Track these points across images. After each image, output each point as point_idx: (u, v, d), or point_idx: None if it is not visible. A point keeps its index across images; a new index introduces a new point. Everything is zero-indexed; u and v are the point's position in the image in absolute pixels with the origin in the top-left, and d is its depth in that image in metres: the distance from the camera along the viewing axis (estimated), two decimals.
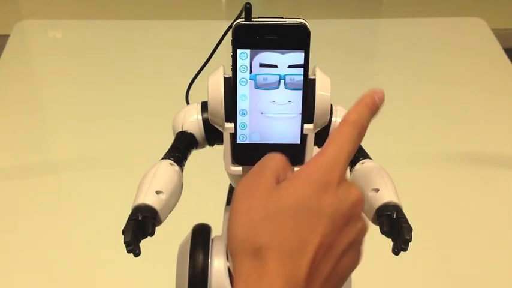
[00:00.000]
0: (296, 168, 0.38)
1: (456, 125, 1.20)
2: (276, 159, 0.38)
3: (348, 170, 0.50)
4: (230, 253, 0.35)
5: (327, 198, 0.34)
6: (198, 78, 0.53)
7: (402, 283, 0.87)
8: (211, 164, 0.63)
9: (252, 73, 0.43)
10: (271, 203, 0.34)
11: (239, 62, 0.42)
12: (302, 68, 0.43)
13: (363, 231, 0.37)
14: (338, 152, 0.36)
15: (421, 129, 1.19)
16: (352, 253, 0.36)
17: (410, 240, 0.41)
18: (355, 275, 0.57)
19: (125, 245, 0.42)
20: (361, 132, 0.38)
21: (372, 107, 0.39)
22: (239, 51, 0.42)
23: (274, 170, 0.37)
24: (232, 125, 0.45)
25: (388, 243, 0.43)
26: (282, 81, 0.43)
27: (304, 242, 0.33)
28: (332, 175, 0.35)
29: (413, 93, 1.30)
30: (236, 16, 0.43)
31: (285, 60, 0.42)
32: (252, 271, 0.33)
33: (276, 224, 0.34)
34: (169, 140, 0.51)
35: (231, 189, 0.57)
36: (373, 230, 0.45)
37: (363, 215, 0.38)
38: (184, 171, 0.49)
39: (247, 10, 0.41)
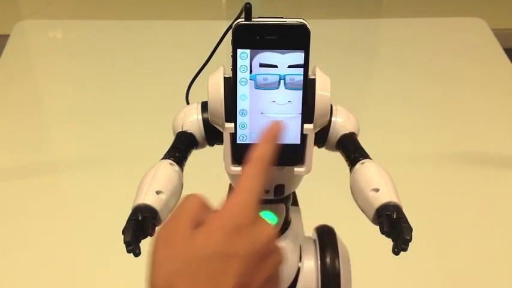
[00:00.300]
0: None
1: (456, 125, 1.20)
2: (193, 201, 0.39)
3: (349, 170, 0.50)
4: None
5: (240, 241, 0.36)
6: (198, 78, 0.53)
7: (402, 283, 0.87)
8: (211, 164, 0.63)
9: (252, 73, 0.43)
10: (187, 252, 0.35)
11: (239, 62, 0.42)
12: (302, 68, 0.43)
13: (279, 263, 0.39)
14: (246, 194, 0.38)
15: (421, 129, 1.19)
16: (269, 286, 0.38)
17: (410, 240, 0.41)
18: (355, 275, 0.58)
19: (125, 245, 0.42)
20: (265, 167, 0.39)
21: (273, 140, 0.41)
22: (239, 51, 0.42)
23: (190, 215, 0.37)
24: (232, 125, 0.45)
25: (388, 243, 0.43)
26: (282, 81, 0.43)
27: (219, 286, 0.34)
28: (243, 217, 0.36)
29: (413, 93, 1.30)
30: (236, 16, 0.43)
31: (285, 60, 0.42)
32: None
33: (192, 271, 0.35)
34: (169, 140, 0.51)
35: (231, 189, 0.57)
36: (373, 230, 0.45)
37: (278, 247, 0.39)
38: (184, 171, 0.49)
39: (247, 10, 0.41)
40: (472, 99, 1.28)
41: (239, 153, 0.46)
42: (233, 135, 0.45)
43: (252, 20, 0.42)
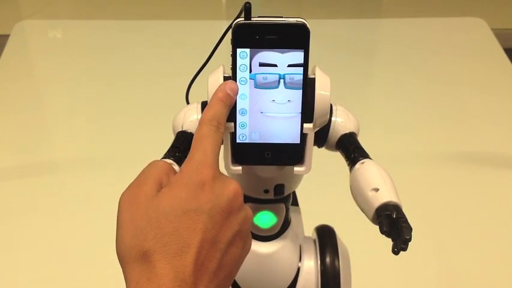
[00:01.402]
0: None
1: (456, 125, 1.20)
2: (158, 166, 0.40)
3: (349, 170, 0.50)
4: (120, 264, 0.37)
5: (203, 196, 0.37)
6: (198, 78, 0.53)
7: (402, 283, 0.87)
8: None
9: (252, 72, 0.43)
10: (152, 210, 0.36)
11: (239, 61, 0.42)
12: (302, 68, 0.43)
13: (247, 220, 0.40)
14: (204, 152, 0.39)
15: (420, 129, 1.19)
16: (238, 243, 0.38)
17: (410, 240, 0.41)
18: (355, 275, 0.58)
19: None
20: (219, 127, 0.40)
21: (226, 99, 0.42)
22: (239, 50, 0.42)
23: (155, 177, 0.39)
24: (232, 124, 0.45)
25: (388, 243, 0.43)
26: (281, 81, 0.43)
27: (186, 241, 0.35)
28: (204, 174, 0.37)
29: (413, 93, 1.31)
30: (236, 16, 0.43)
31: (285, 60, 0.42)
32: (141, 275, 0.35)
33: (159, 228, 0.35)
34: (169, 139, 0.51)
35: None
36: (373, 230, 0.45)
37: (245, 205, 0.40)
38: None
39: (247, 10, 0.41)
40: (472, 99, 1.28)
41: (239, 152, 0.46)
42: (233, 135, 0.45)
43: (252, 19, 0.42)
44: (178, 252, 0.35)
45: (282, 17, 0.42)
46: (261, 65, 0.43)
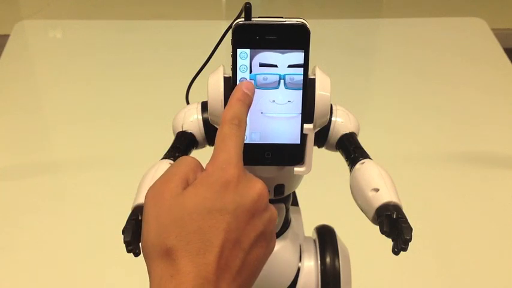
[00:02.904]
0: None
1: (456, 125, 1.20)
2: (186, 162, 0.40)
3: (349, 170, 0.50)
4: (145, 259, 0.37)
5: (228, 196, 0.37)
6: (198, 78, 0.53)
7: (402, 283, 0.87)
8: None
9: (252, 73, 0.43)
10: (176, 208, 0.36)
11: (239, 61, 0.42)
12: (302, 68, 0.43)
13: (272, 221, 0.39)
14: (228, 152, 0.38)
15: (421, 129, 1.19)
16: (262, 243, 0.38)
17: (410, 240, 0.41)
18: (355, 275, 0.58)
19: (124, 245, 0.42)
20: (241, 125, 0.40)
21: (243, 98, 0.41)
22: (239, 51, 0.42)
23: (182, 174, 0.38)
24: None
25: (388, 243, 0.43)
26: (281, 81, 0.43)
27: (209, 240, 0.35)
28: (228, 173, 0.37)
29: (413, 93, 1.31)
30: (236, 16, 0.43)
31: (285, 60, 0.42)
32: (164, 271, 0.35)
33: (182, 227, 0.36)
34: (169, 140, 0.51)
35: None
36: (373, 230, 0.45)
37: (270, 205, 0.40)
38: None
39: (247, 10, 0.41)
40: (472, 99, 1.28)
41: None
42: None
43: (252, 19, 0.42)
44: (201, 251, 0.35)
45: (282, 18, 0.42)
46: (261, 65, 0.43)
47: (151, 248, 0.36)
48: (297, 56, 0.42)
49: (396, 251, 0.42)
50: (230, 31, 0.43)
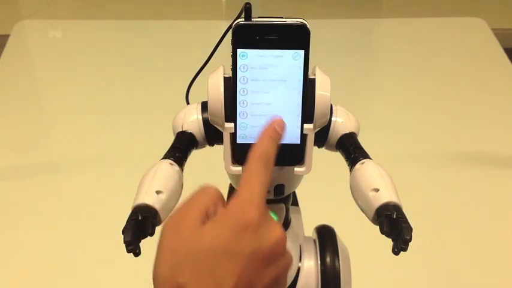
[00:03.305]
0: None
1: (456, 125, 1.20)
2: (207, 194, 0.39)
3: (349, 170, 0.50)
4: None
5: (246, 238, 0.35)
6: (198, 78, 0.53)
7: (402, 283, 0.87)
8: (211, 164, 0.63)
9: (252, 73, 0.43)
10: (192, 244, 0.36)
11: (239, 61, 0.42)
12: (302, 68, 0.43)
13: (287, 267, 0.38)
14: (252, 191, 0.37)
15: (421, 129, 1.19)
16: (273, 287, 0.37)
17: (410, 240, 0.41)
18: (355, 275, 0.58)
19: (124, 245, 0.42)
20: (269, 165, 0.39)
21: (274, 135, 0.41)
22: (239, 51, 0.42)
23: (202, 206, 0.38)
24: (232, 125, 0.45)
25: (388, 243, 0.43)
26: (282, 81, 0.43)
27: (222, 281, 0.35)
28: (250, 215, 0.36)
29: (413, 93, 1.31)
30: (236, 16, 0.43)
31: (285, 60, 0.42)
32: None
33: (196, 265, 0.35)
34: (169, 140, 0.51)
35: (231, 189, 0.57)
36: (373, 230, 0.45)
37: (288, 249, 0.38)
38: (184, 171, 0.49)
39: (247, 10, 0.41)
40: (472, 99, 1.28)
41: (239, 153, 0.46)
42: (233, 135, 0.45)
43: (252, 20, 0.42)
44: None
45: (282, 18, 0.42)
46: (261, 65, 0.43)
47: (163, 280, 0.35)
48: (297, 56, 0.42)
49: (396, 251, 0.42)
50: (230, 31, 0.43)
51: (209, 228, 0.36)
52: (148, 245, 0.43)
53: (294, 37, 0.42)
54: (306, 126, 0.45)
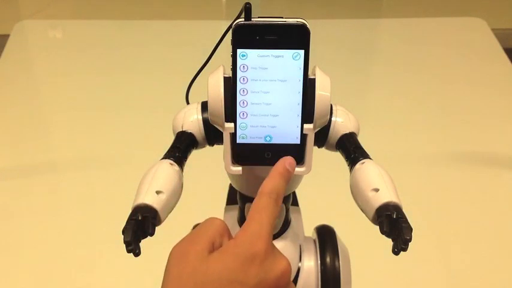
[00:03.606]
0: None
1: (456, 125, 1.20)
2: (214, 225, 0.40)
3: (349, 170, 0.50)
4: None
5: (252, 270, 0.36)
6: (198, 78, 0.53)
7: (402, 283, 0.87)
8: (211, 164, 0.64)
9: (252, 73, 0.43)
10: (199, 274, 0.36)
11: (239, 61, 0.42)
12: (302, 68, 0.43)
13: None
14: (260, 225, 0.38)
15: (421, 129, 1.19)
16: None
17: (410, 240, 0.41)
18: (355, 275, 0.58)
19: (124, 245, 0.42)
20: (278, 200, 0.41)
21: (285, 174, 0.42)
22: (239, 51, 0.42)
23: (209, 237, 0.39)
24: (232, 125, 0.45)
25: (388, 243, 0.43)
26: (281, 81, 0.43)
27: None
28: (257, 247, 0.37)
29: (413, 93, 1.31)
30: (236, 16, 0.43)
31: (285, 60, 0.42)
32: None
33: None
34: (169, 139, 0.51)
35: (231, 189, 0.57)
36: (373, 230, 0.45)
37: (292, 284, 0.39)
38: (184, 171, 0.49)
39: (247, 10, 0.41)
40: (472, 99, 1.28)
41: (239, 153, 0.46)
42: (233, 135, 0.45)
43: (252, 20, 0.42)
44: None
45: (282, 18, 0.42)
46: (261, 65, 0.43)
47: None
48: (297, 56, 0.42)
49: (396, 251, 0.42)
50: (230, 31, 0.43)
51: (217, 258, 0.37)
52: (149, 245, 0.43)
53: (294, 37, 0.42)
54: (306, 126, 0.45)
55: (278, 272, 0.37)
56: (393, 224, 0.43)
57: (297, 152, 0.46)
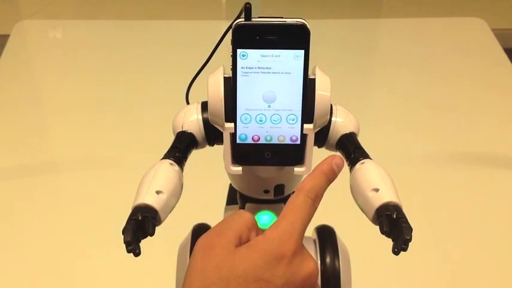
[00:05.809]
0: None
1: (456, 125, 1.20)
2: (242, 218, 0.39)
3: (349, 170, 0.50)
4: None
5: (279, 270, 0.35)
6: (198, 78, 0.53)
7: (402, 283, 0.87)
8: (211, 164, 0.63)
9: (252, 73, 0.43)
10: (225, 268, 0.35)
11: (239, 61, 0.42)
12: (302, 68, 0.43)
13: None
14: (293, 224, 0.37)
15: (421, 129, 1.19)
16: None
17: (410, 240, 0.41)
18: (355, 275, 0.58)
19: (125, 245, 0.42)
20: (316, 201, 0.39)
21: (329, 174, 0.40)
22: (239, 51, 0.42)
23: (237, 230, 0.38)
24: (232, 125, 0.45)
25: (388, 243, 0.43)
26: (282, 81, 0.43)
27: None
28: (286, 247, 0.36)
29: (413, 93, 1.31)
30: (236, 16, 0.43)
31: (285, 60, 0.42)
32: None
33: None
34: (169, 139, 0.51)
35: (231, 189, 0.57)
36: (373, 230, 0.45)
37: (317, 285, 0.39)
38: (184, 171, 0.49)
39: (247, 10, 0.41)
40: (472, 99, 1.28)
41: (239, 153, 0.46)
42: (233, 135, 0.45)
43: (252, 20, 0.42)
44: None
45: (282, 18, 0.42)
46: (261, 65, 0.43)
47: None
48: (297, 56, 0.42)
49: (396, 251, 0.42)
50: (230, 31, 0.43)
51: (244, 254, 0.36)
52: (149, 245, 0.43)
53: (294, 37, 0.42)
54: (306, 126, 0.45)
55: (305, 274, 0.37)
56: (393, 224, 0.43)
57: (297, 152, 0.46)
